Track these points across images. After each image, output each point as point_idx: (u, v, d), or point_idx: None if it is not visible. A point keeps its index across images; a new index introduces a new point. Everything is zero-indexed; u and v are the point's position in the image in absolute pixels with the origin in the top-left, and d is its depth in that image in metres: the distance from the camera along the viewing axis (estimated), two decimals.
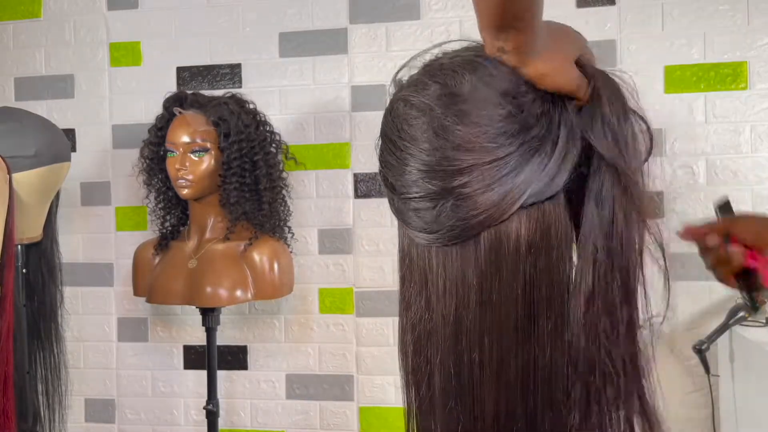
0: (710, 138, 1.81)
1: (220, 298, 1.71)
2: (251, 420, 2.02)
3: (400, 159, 0.58)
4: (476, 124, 0.55)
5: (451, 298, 0.58)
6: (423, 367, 0.61)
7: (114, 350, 2.09)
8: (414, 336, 0.61)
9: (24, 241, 1.58)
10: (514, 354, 0.57)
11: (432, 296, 0.59)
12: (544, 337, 0.57)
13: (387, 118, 0.61)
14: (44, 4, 2.11)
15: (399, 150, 0.58)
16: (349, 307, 1.97)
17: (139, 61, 2.07)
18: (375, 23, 1.94)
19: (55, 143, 1.58)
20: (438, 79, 0.58)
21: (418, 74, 0.62)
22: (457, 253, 0.57)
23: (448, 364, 0.58)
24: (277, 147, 1.83)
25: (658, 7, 1.83)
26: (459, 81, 0.57)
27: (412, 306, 0.61)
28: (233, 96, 1.79)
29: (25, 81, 2.12)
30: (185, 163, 1.69)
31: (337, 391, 1.98)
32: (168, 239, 1.82)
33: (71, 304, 2.06)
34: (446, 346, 0.58)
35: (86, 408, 2.10)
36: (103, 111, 2.09)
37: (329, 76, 1.98)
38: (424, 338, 0.60)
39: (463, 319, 0.57)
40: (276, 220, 1.80)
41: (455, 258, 0.57)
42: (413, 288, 0.61)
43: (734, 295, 1.77)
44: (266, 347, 2.02)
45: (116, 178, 2.08)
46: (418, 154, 0.56)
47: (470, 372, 0.57)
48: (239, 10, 2.02)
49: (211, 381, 1.80)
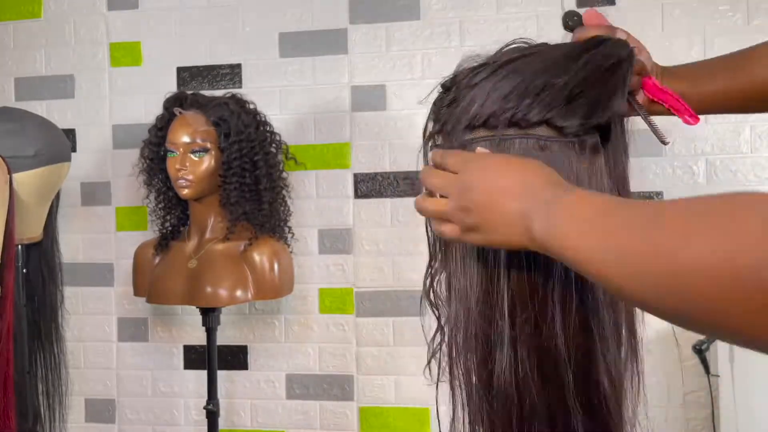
0: (710, 138, 1.81)
1: (220, 298, 1.71)
2: (251, 420, 2.02)
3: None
4: None
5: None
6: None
7: (114, 350, 2.09)
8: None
9: (24, 241, 1.58)
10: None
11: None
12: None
13: None
14: (44, 4, 2.11)
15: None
16: (349, 307, 1.97)
17: (139, 61, 2.07)
18: (375, 23, 1.94)
19: (55, 143, 1.58)
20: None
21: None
22: None
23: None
24: (277, 147, 1.83)
25: (658, 7, 1.83)
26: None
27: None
28: (233, 96, 1.79)
29: (25, 81, 2.12)
30: (185, 163, 1.69)
31: (337, 391, 1.98)
32: (168, 239, 1.82)
33: (71, 304, 2.05)
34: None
35: (86, 408, 2.10)
36: (103, 111, 2.09)
37: (329, 76, 1.98)
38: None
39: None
40: (276, 220, 1.80)
41: None
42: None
43: None
44: (266, 347, 2.02)
45: (116, 178, 2.08)
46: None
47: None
48: (239, 10, 2.02)
49: (211, 381, 1.80)
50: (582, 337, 0.62)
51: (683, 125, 0.81)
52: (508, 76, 0.64)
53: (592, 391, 0.62)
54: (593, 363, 0.62)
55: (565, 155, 0.63)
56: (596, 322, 0.63)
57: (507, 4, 1.89)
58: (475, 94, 0.64)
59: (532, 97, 0.62)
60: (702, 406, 1.78)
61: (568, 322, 0.62)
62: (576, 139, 0.63)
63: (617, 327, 0.64)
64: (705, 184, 1.81)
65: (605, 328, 0.63)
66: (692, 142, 1.81)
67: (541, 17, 1.85)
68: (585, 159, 0.63)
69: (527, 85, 0.63)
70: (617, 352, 0.64)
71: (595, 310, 0.63)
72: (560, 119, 0.62)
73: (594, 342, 0.63)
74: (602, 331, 0.63)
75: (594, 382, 0.62)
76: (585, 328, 0.62)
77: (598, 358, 0.62)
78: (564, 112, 0.62)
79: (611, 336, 0.63)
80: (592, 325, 0.63)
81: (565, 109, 0.62)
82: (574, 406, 0.61)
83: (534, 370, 0.62)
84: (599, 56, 0.64)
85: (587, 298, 0.62)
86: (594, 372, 0.62)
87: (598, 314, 0.63)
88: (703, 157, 1.81)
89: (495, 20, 1.90)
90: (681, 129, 1.84)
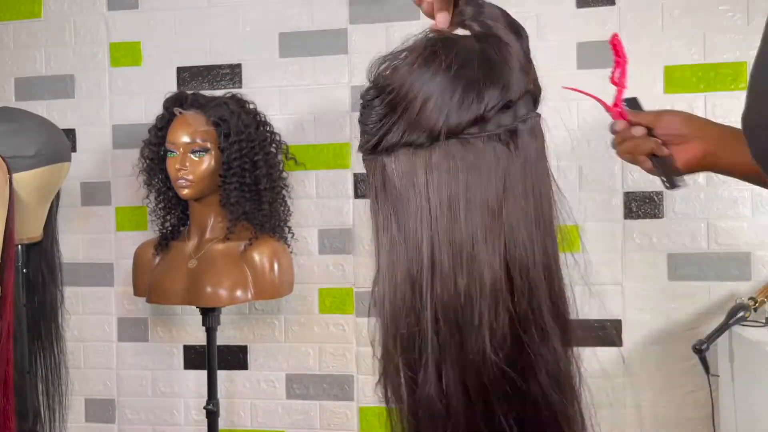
0: None
1: (220, 298, 1.71)
2: (251, 420, 2.02)
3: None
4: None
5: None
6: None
7: (114, 350, 2.09)
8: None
9: (24, 241, 1.58)
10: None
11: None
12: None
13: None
14: (44, 4, 2.11)
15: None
16: (349, 307, 1.97)
17: (139, 61, 2.07)
18: (375, 23, 1.94)
19: (55, 143, 1.58)
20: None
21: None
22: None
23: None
24: (277, 147, 1.83)
25: (658, 7, 1.83)
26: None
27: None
28: (233, 96, 1.79)
29: (25, 81, 2.12)
30: (185, 163, 1.69)
31: (337, 391, 1.98)
32: (168, 239, 1.82)
33: (71, 304, 2.06)
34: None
35: (86, 408, 2.10)
36: (103, 111, 2.09)
37: (329, 76, 1.98)
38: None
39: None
40: (276, 220, 1.80)
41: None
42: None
43: (734, 294, 1.77)
44: (266, 347, 2.02)
45: (116, 178, 2.08)
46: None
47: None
48: (239, 10, 2.02)
49: (211, 381, 1.80)
50: (512, 349, 0.59)
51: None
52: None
53: (527, 407, 0.59)
54: (525, 376, 0.59)
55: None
56: (529, 333, 0.59)
57: (507, 4, 1.88)
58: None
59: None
60: (702, 406, 1.79)
61: (496, 333, 0.59)
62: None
63: (551, 337, 0.61)
64: (705, 184, 1.81)
65: (539, 339, 0.60)
66: None
67: (541, 17, 1.85)
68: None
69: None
70: (553, 364, 0.60)
71: (528, 319, 0.60)
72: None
73: (526, 354, 0.59)
74: (536, 342, 0.59)
75: (529, 397, 0.59)
76: (516, 339, 0.59)
77: (532, 371, 0.59)
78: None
79: (545, 347, 0.60)
80: (523, 337, 0.59)
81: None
82: (510, 423, 0.58)
83: (458, 385, 0.59)
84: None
85: (519, 305, 0.59)
86: (527, 386, 0.59)
87: (531, 324, 0.60)
88: None
89: None
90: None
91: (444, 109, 0.59)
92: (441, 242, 0.59)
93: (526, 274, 0.60)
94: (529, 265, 0.60)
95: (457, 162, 0.60)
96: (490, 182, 0.59)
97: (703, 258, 1.81)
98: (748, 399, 1.59)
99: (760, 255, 1.79)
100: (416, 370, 0.60)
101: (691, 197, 1.82)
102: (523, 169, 0.61)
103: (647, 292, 1.83)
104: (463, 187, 0.59)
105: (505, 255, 0.59)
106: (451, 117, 0.59)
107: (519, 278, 0.59)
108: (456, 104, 0.59)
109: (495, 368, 0.58)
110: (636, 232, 1.84)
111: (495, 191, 0.60)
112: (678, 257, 1.83)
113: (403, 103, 0.60)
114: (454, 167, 0.60)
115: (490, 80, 0.60)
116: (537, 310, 0.60)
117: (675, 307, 1.82)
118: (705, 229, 1.81)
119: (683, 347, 1.80)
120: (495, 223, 0.59)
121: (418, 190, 0.60)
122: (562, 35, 1.85)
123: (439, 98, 0.59)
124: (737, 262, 1.80)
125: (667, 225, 1.83)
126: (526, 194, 0.61)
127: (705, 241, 1.81)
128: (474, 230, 0.59)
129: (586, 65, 1.83)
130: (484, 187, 0.59)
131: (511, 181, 0.60)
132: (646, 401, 1.83)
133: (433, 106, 0.59)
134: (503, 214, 0.59)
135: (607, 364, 1.84)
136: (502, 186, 0.60)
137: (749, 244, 1.79)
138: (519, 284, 0.59)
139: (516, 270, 0.59)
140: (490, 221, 0.59)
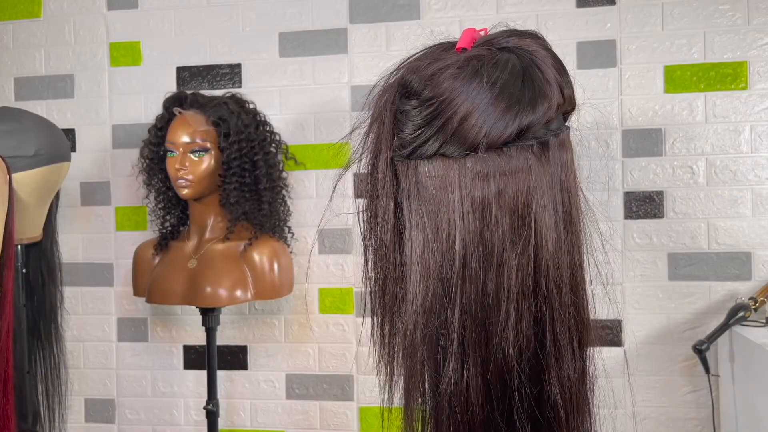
0: (710, 138, 1.81)
1: (220, 298, 1.71)
2: (251, 420, 2.02)
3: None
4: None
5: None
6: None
7: (114, 350, 2.09)
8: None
9: (24, 241, 1.58)
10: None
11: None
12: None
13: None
14: (44, 4, 2.11)
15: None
16: (349, 307, 1.97)
17: (139, 61, 2.07)
18: (375, 23, 1.94)
19: (54, 143, 1.58)
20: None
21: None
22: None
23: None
24: (277, 147, 1.83)
25: (658, 7, 1.83)
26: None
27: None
28: (233, 96, 1.79)
29: (25, 81, 2.12)
30: (185, 163, 1.69)
31: (337, 391, 1.98)
32: (168, 239, 1.82)
33: (71, 304, 2.06)
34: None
35: (86, 408, 2.10)
36: (103, 111, 2.09)
37: (329, 76, 1.98)
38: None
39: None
40: (276, 220, 1.80)
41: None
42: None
43: (734, 294, 1.77)
44: (266, 347, 2.02)
45: (116, 178, 2.08)
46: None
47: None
48: (239, 10, 2.02)
49: (211, 381, 1.80)
50: (534, 350, 0.61)
51: (684, 125, 0.82)
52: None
53: (543, 406, 0.61)
54: (544, 376, 0.62)
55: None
56: (551, 335, 0.62)
57: (507, 4, 1.89)
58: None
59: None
60: (702, 406, 1.79)
61: (520, 335, 0.61)
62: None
63: (572, 340, 0.63)
64: (705, 184, 1.81)
65: (560, 341, 0.62)
66: (692, 142, 1.81)
67: (541, 17, 1.85)
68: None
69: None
70: (571, 365, 0.63)
71: (551, 321, 0.62)
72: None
73: (548, 355, 0.62)
74: (557, 344, 0.62)
75: (545, 396, 0.62)
76: (539, 340, 0.62)
77: (551, 372, 0.62)
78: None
79: (565, 349, 0.63)
80: (546, 339, 0.62)
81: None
82: (523, 421, 0.60)
83: (481, 384, 0.61)
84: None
85: (543, 308, 0.62)
86: (545, 386, 0.62)
87: (553, 326, 0.62)
88: (703, 157, 1.81)
89: (495, 20, 1.90)
90: (681, 128, 1.84)
91: (485, 126, 0.61)
92: (472, 245, 0.61)
93: (553, 280, 0.62)
94: (555, 272, 0.62)
95: (490, 168, 0.62)
96: (521, 190, 0.61)
97: (703, 258, 1.81)
98: (749, 399, 1.59)
99: (760, 255, 1.79)
100: (440, 367, 0.62)
101: (691, 197, 1.82)
102: (552, 179, 0.63)
103: (647, 292, 1.84)
104: (495, 192, 0.61)
105: (533, 261, 0.61)
106: (491, 134, 0.61)
107: (545, 283, 0.61)
108: (497, 121, 0.61)
109: (517, 368, 0.60)
110: (636, 232, 1.84)
111: (525, 199, 0.62)
112: (678, 257, 1.83)
113: (444, 117, 0.61)
114: (486, 173, 0.61)
115: (532, 99, 0.62)
116: (559, 314, 0.62)
117: (675, 307, 1.82)
118: (705, 229, 1.81)
119: (683, 347, 1.80)
120: (524, 229, 0.61)
121: (451, 193, 0.62)
122: (562, 35, 1.85)
123: (481, 115, 0.61)
124: (737, 262, 1.80)
125: (667, 225, 1.83)
126: (555, 204, 0.63)
127: (705, 241, 1.81)
128: (504, 235, 0.61)
129: (586, 65, 1.83)
130: (514, 193, 0.61)
131: (541, 190, 0.62)
132: (646, 401, 1.83)
133: (474, 122, 0.61)
134: (533, 221, 0.61)
135: (607, 364, 1.84)
136: (532, 194, 0.62)
137: (749, 244, 1.80)
138: (544, 289, 0.61)
139: (543, 275, 0.62)
140: (519, 227, 0.61)
